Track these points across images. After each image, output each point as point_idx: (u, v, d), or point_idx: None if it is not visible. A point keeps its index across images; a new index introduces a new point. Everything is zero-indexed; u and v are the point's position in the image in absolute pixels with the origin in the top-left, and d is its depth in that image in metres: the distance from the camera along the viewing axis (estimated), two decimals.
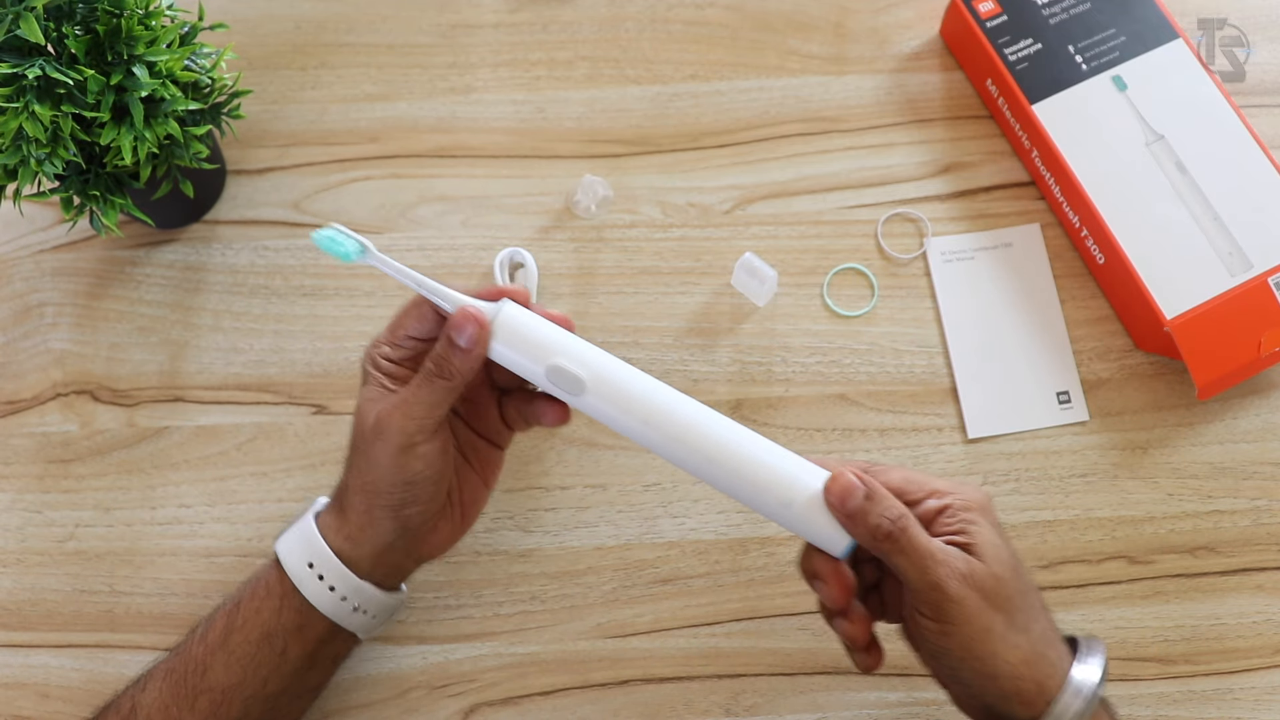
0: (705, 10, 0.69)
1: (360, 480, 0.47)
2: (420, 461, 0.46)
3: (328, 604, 0.48)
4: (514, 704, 0.56)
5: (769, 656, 0.57)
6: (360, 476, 0.47)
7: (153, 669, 0.49)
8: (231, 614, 0.48)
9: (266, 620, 0.48)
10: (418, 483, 0.46)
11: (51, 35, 0.53)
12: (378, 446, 0.46)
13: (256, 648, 0.47)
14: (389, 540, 0.47)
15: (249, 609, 0.48)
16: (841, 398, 0.61)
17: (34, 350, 0.62)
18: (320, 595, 0.47)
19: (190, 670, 0.48)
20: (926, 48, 0.68)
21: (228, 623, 0.48)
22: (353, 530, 0.48)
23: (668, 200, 0.65)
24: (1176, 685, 0.56)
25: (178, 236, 0.65)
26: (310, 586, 0.47)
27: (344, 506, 0.48)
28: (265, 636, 0.48)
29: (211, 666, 0.47)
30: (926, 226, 0.64)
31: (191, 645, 0.49)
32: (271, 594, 0.48)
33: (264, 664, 0.48)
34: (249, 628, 0.48)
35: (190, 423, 0.61)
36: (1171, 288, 0.59)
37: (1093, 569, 0.58)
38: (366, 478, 0.47)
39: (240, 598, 0.49)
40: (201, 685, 0.47)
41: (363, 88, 0.67)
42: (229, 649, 0.48)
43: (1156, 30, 0.64)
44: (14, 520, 0.59)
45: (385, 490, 0.46)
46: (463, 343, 0.45)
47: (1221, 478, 0.59)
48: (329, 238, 0.46)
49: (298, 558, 0.48)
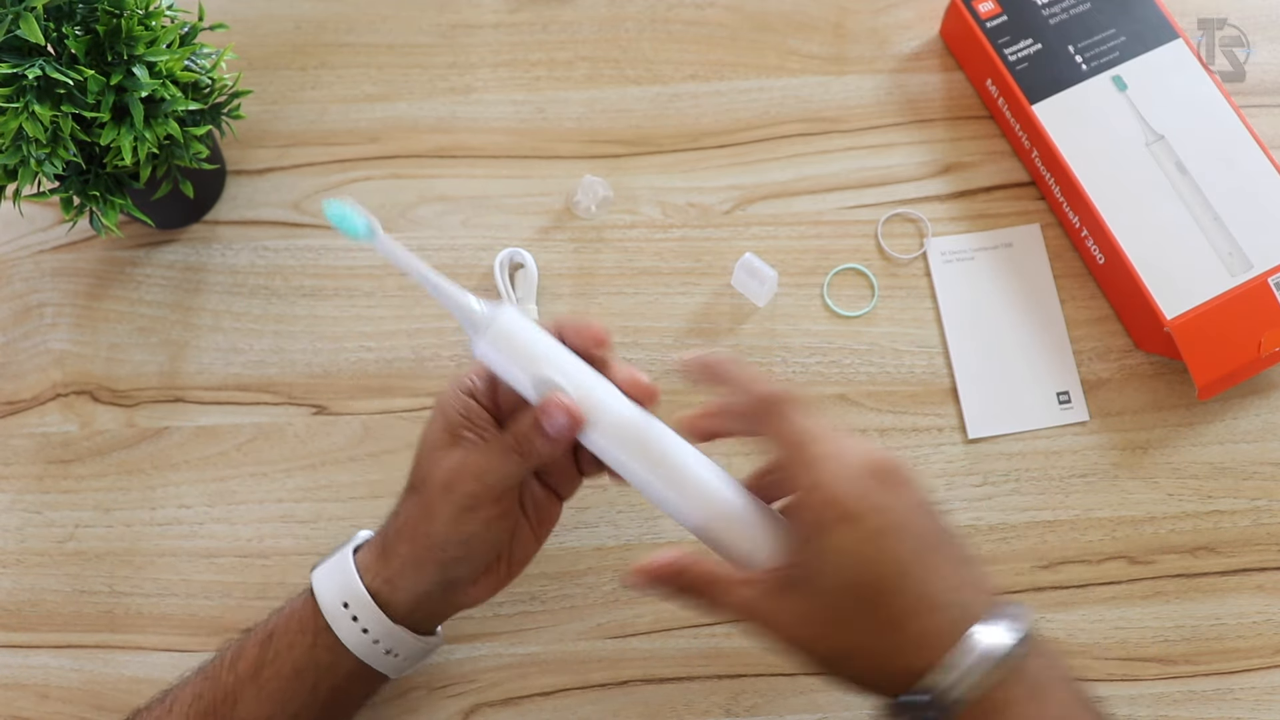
0: (705, 10, 0.69)
1: (413, 528, 0.46)
2: (480, 525, 0.45)
3: (360, 646, 0.47)
4: (514, 704, 0.56)
5: (769, 657, 0.57)
6: (413, 524, 0.46)
7: (178, 692, 0.48)
8: (264, 645, 0.47)
9: (299, 656, 0.47)
10: (472, 543, 0.45)
11: (51, 35, 0.53)
12: (440, 501, 0.45)
13: (288, 683, 0.47)
14: (429, 589, 0.47)
15: (282, 643, 0.47)
16: (842, 398, 0.61)
17: (34, 351, 0.62)
18: (353, 636, 0.46)
19: (219, 699, 0.47)
20: (926, 48, 0.68)
21: (260, 654, 0.47)
22: (393, 574, 0.47)
23: (668, 200, 0.65)
24: (1177, 685, 0.56)
25: (178, 237, 0.65)
26: (343, 627, 0.46)
27: (387, 549, 0.47)
28: (296, 672, 0.47)
29: (242, 699, 0.47)
30: (926, 227, 0.64)
31: (221, 671, 0.48)
32: (305, 630, 0.47)
33: (294, 699, 0.47)
34: (281, 662, 0.47)
35: (190, 423, 0.61)
36: (1171, 288, 0.59)
37: (1093, 569, 0.58)
38: (420, 528, 0.46)
39: (274, 629, 0.48)
40: (231, 716, 0.47)
41: (363, 88, 0.67)
42: (260, 682, 0.47)
43: (1156, 30, 0.64)
44: (14, 521, 0.59)
45: (438, 545, 0.45)
46: (550, 431, 0.44)
47: (1222, 478, 0.59)
48: (340, 212, 0.43)
49: (333, 596, 0.47)
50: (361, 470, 0.60)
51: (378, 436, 0.60)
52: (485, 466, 0.45)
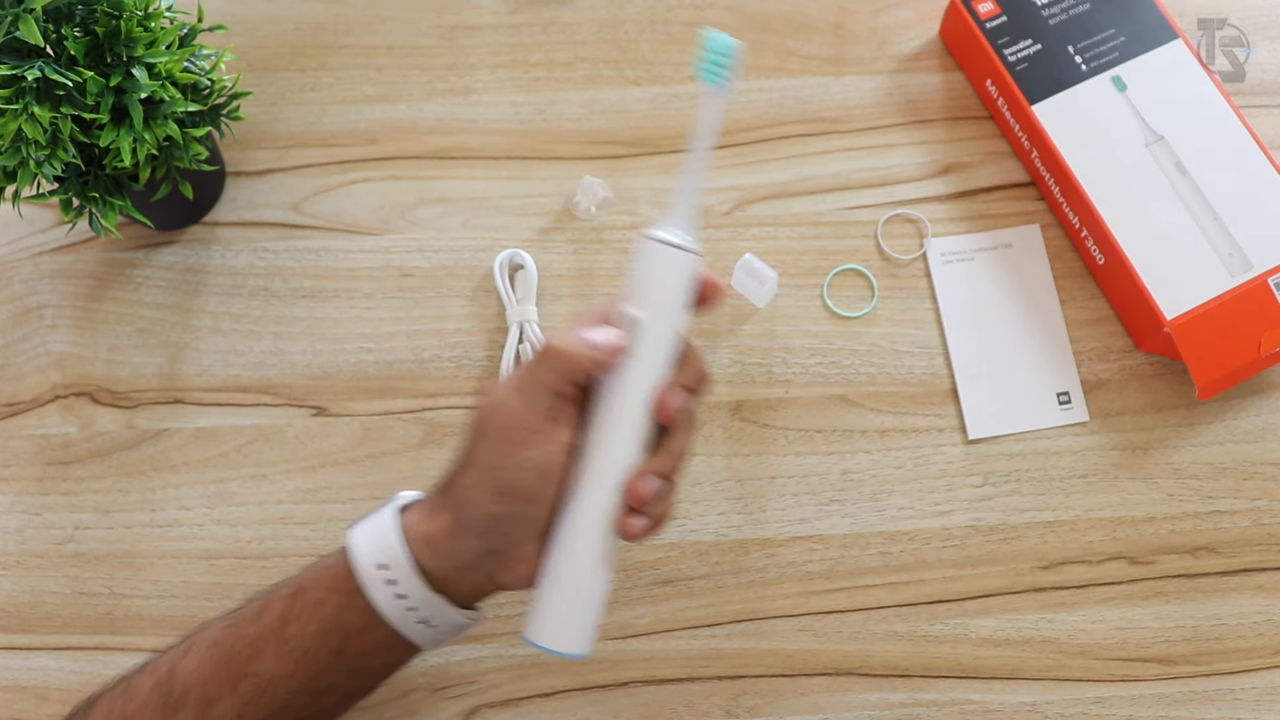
0: (705, 11, 0.69)
1: (458, 482, 0.44)
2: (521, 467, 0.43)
3: (393, 611, 0.44)
4: (514, 705, 0.56)
5: (769, 658, 0.57)
6: (457, 480, 0.44)
7: (198, 635, 0.46)
8: (291, 601, 0.45)
9: (326, 616, 0.44)
10: (515, 493, 0.43)
11: (51, 37, 0.52)
12: (479, 441, 0.43)
13: (312, 642, 0.44)
14: (473, 558, 0.44)
15: (309, 600, 0.45)
16: (842, 399, 0.61)
17: (33, 352, 0.62)
18: (387, 601, 0.44)
19: (239, 649, 0.45)
20: (926, 48, 0.68)
21: (286, 609, 0.45)
22: (435, 536, 0.44)
23: (667, 201, 0.65)
24: (1177, 686, 0.56)
25: (177, 238, 0.65)
26: (378, 591, 0.44)
27: (433, 511, 0.45)
28: (323, 633, 0.44)
29: (262, 651, 0.44)
30: (926, 227, 0.64)
31: (244, 622, 0.45)
32: (336, 589, 0.45)
33: (317, 660, 0.44)
34: (307, 619, 0.44)
35: (190, 425, 0.61)
36: (1171, 288, 0.59)
37: (1093, 569, 0.58)
38: (461, 481, 0.44)
39: (302, 584, 0.46)
40: (248, 669, 0.44)
41: (362, 89, 0.67)
42: (283, 638, 0.44)
43: (1156, 30, 0.64)
44: (13, 522, 0.59)
45: (477, 499, 0.43)
46: (599, 344, 0.44)
47: (1222, 478, 0.59)
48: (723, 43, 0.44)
49: (369, 557, 0.44)
50: (361, 471, 0.60)
51: (377, 438, 0.60)
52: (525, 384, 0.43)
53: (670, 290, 0.45)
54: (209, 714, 0.44)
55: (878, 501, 0.59)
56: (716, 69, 0.45)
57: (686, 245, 0.45)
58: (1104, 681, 0.56)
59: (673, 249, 0.45)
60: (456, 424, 0.60)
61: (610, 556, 0.45)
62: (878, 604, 0.57)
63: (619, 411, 0.44)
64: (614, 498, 0.44)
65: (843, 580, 0.58)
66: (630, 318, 0.45)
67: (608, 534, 0.44)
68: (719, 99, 0.45)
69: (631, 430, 0.44)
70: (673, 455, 0.45)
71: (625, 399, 0.44)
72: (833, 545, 0.58)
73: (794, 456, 0.60)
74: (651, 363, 0.45)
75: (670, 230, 0.45)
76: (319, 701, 0.46)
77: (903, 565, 0.58)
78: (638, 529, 0.44)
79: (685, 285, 0.45)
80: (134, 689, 0.46)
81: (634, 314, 0.45)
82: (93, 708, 0.46)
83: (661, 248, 0.45)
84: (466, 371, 0.61)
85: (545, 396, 0.43)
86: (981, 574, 0.58)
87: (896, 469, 0.60)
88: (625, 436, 0.44)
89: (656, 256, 0.45)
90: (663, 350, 0.45)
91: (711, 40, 0.44)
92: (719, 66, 0.45)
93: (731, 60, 0.45)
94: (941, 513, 0.59)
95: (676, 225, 0.45)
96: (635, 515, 0.44)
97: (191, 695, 0.45)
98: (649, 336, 0.45)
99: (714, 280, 0.46)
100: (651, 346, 0.45)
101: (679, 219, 0.45)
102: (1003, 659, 0.57)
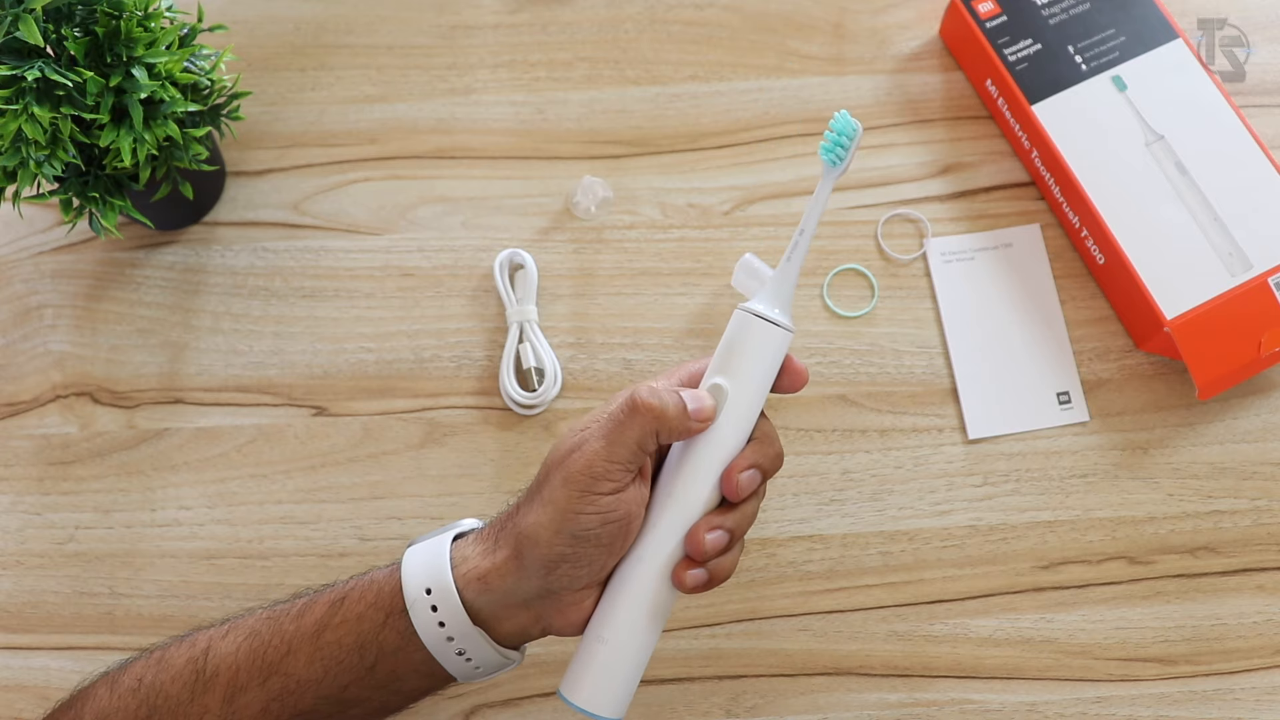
0: (705, 11, 0.69)
1: (524, 520, 0.43)
2: (597, 513, 0.42)
3: (433, 639, 0.43)
4: (515, 705, 0.56)
5: (770, 657, 0.57)
6: (525, 516, 0.44)
7: (239, 621, 0.46)
8: (334, 606, 0.45)
9: (365, 631, 0.44)
10: (586, 538, 0.42)
11: (51, 37, 0.53)
12: (556, 481, 0.43)
13: (347, 653, 0.44)
14: (526, 597, 0.43)
15: (352, 610, 0.44)
16: (842, 399, 0.61)
17: (33, 352, 0.62)
18: (428, 628, 0.43)
19: (274, 644, 0.44)
20: (926, 48, 0.68)
21: (327, 614, 0.45)
22: (490, 571, 0.43)
23: (667, 201, 0.65)
24: (1177, 686, 0.56)
25: (177, 238, 0.65)
26: (421, 615, 0.43)
27: (494, 543, 0.44)
28: (359, 646, 0.44)
29: (296, 652, 0.44)
30: (926, 227, 0.64)
31: (284, 618, 0.45)
32: (379, 605, 0.44)
33: (348, 671, 0.44)
34: (345, 629, 0.44)
35: (190, 424, 0.61)
36: (1171, 288, 0.59)
37: (1093, 569, 0.58)
38: (529, 519, 0.43)
39: (348, 592, 0.45)
40: (280, 666, 0.44)
41: (362, 89, 0.67)
42: (319, 644, 0.44)
43: (1156, 30, 0.64)
44: (14, 522, 0.59)
45: (546, 539, 0.42)
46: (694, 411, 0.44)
47: (1222, 478, 0.59)
48: (848, 126, 0.45)
49: (418, 579, 0.44)
50: (361, 471, 0.60)
51: (377, 438, 0.60)
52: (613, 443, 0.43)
53: (761, 366, 0.45)
54: (236, 701, 0.44)
55: (878, 501, 0.59)
56: (837, 149, 0.46)
57: (783, 324, 0.45)
58: (1104, 681, 0.56)
59: (770, 325, 0.45)
60: (457, 424, 0.61)
61: (662, 613, 0.45)
62: (877, 604, 0.57)
63: (691, 475, 0.45)
64: (677, 553, 0.44)
65: (843, 580, 0.58)
66: (719, 387, 0.45)
67: (664, 587, 0.44)
68: (833, 179, 0.46)
69: (701, 492, 0.45)
70: (741, 516, 0.45)
71: (700, 464, 0.45)
72: (833, 545, 0.58)
73: (794, 456, 0.60)
74: (731, 434, 0.45)
75: (769, 306, 0.45)
76: (345, 712, 0.46)
77: (902, 565, 0.58)
78: (695, 582, 0.44)
79: (777, 363, 0.46)
80: (169, 659, 0.46)
81: (723, 384, 0.45)
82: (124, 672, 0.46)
83: (759, 323, 0.45)
84: (466, 371, 0.61)
85: (630, 450, 0.43)
86: (981, 574, 0.58)
87: (896, 469, 0.60)
88: (695, 498, 0.45)
89: (753, 331, 0.45)
90: (745, 425, 0.45)
91: (838, 121, 0.45)
92: (840, 148, 0.46)
93: (852, 143, 0.46)
94: (941, 512, 0.59)
95: (775, 302, 0.45)
96: (694, 567, 0.44)
97: (222, 678, 0.45)
98: (734, 408, 0.45)
99: (800, 367, 0.46)
100: (734, 418, 0.45)
101: (778, 296, 0.46)
102: (1002, 659, 0.57)
